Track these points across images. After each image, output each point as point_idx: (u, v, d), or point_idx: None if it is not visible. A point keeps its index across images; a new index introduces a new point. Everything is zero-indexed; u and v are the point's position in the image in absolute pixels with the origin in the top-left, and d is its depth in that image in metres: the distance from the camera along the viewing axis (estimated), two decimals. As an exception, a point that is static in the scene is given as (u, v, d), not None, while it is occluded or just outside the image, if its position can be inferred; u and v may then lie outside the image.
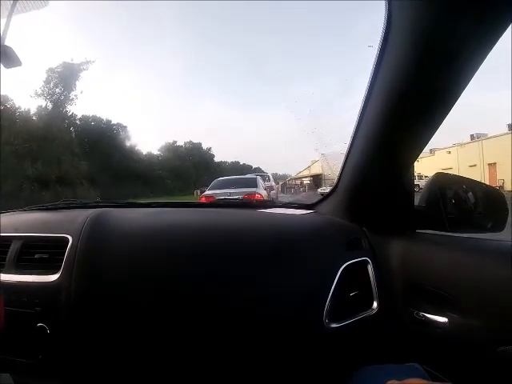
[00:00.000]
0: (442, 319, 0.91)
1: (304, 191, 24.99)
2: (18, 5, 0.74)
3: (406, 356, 0.98)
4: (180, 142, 45.86)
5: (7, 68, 0.65)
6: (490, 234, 0.98)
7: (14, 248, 1.11)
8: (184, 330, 1.00)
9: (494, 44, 0.73)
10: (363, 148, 1.07)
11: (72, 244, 1.05)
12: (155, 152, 41.84)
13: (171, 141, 44.86)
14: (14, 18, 0.73)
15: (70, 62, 27.70)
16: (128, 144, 35.74)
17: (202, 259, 1.04)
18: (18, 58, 0.66)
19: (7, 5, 0.68)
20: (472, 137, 21.21)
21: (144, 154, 38.21)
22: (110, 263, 1.03)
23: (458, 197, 1.01)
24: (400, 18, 0.77)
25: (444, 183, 1.03)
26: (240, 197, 5.81)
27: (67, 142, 25.89)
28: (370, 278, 1.08)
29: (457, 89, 0.83)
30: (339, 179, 1.24)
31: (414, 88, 0.85)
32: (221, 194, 6.48)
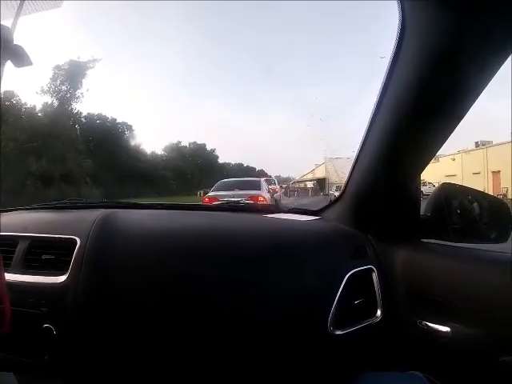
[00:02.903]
0: (445, 328, 0.92)
1: (306, 195, 24.75)
2: (30, 5, 0.75)
3: (409, 364, 0.98)
4: (184, 143, 45.83)
5: (17, 67, 0.64)
6: (494, 245, 0.99)
7: (21, 248, 1.11)
8: (190, 332, 1.01)
9: (510, 53, 0.74)
10: (372, 156, 1.08)
11: (80, 246, 1.05)
12: (159, 152, 41.75)
13: (176, 141, 44.71)
14: (24, 17, 0.74)
15: (76, 59, 27.77)
16: (133, 143, 35.67)
17: (206, 263, 1.05)
18: (29, 58, 0.65)
19: (16, 3, 0.68)
20: (477, 144, 21.14)
21: (148, 153, 38.04)
22: (118, 265, 1.04)
23: (463, 207, 1.01)
24: (413, 27, 0.78)
25: (450, 193, 1.03)
26: (243, 199, 5.85)
27: (72, 139, 25.85)
28: (374, 285, 1.08)
29: (468, 100, 0.84)
30: (346, 186, 1.25)
31: (425, 98, 0.86)
32: (224, 196, 6.49)
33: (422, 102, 0.87)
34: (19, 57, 0.63)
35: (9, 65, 0.62)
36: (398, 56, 0.84)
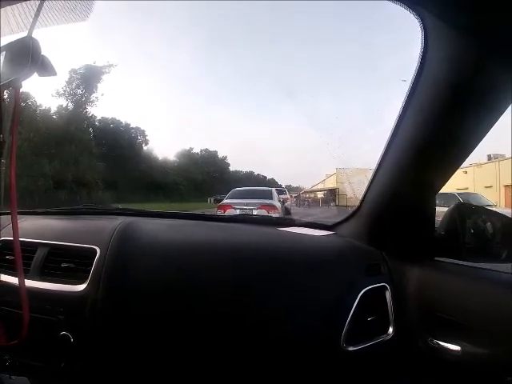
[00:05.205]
0: (456, 347, 0.92)
1: (317, 206, 24.47)
2: (57, 15, 0.77)
3: (419, 381, 0.98)
4: (196, 150, 45.86)
5: (41, 76, 0.66)
6: (507, 265, 0.99)
7: (39, 255, 1.13)
8: (205, 344, 1.02)
9: None
10: (390, 174, 1.08)
11: (100, 256, 1.07)
12: (171, 158, 41.86)
13: (188, 147, 44.82)
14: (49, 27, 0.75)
15: (92, 64, 28.16)
16: (145, 148, 35.97)
17: (222, 277, 1.07)
18: (54, 69, 0.67)
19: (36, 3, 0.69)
20: (489, 157, 20.86)
21: (160, 159, 38.21)
22: (136, 277, 1.06)
23: (476, 226, 1.02)
24: (435, 52, 0.79)
25: (464, 212, 1.04)
26: (255, 207, 6.13)
27: (85, 142, 26.14)
28: (387, 302, 1.08)
29: (488, 123, 0.85)
30: (362, 202, 1.24)
31: (445, 121, 0.87)
32: (238, 204, 6.81)
33: (442, 124, 0.88)
34: (45, 68, 0.65)
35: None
36: (419, 79, 0.85)
